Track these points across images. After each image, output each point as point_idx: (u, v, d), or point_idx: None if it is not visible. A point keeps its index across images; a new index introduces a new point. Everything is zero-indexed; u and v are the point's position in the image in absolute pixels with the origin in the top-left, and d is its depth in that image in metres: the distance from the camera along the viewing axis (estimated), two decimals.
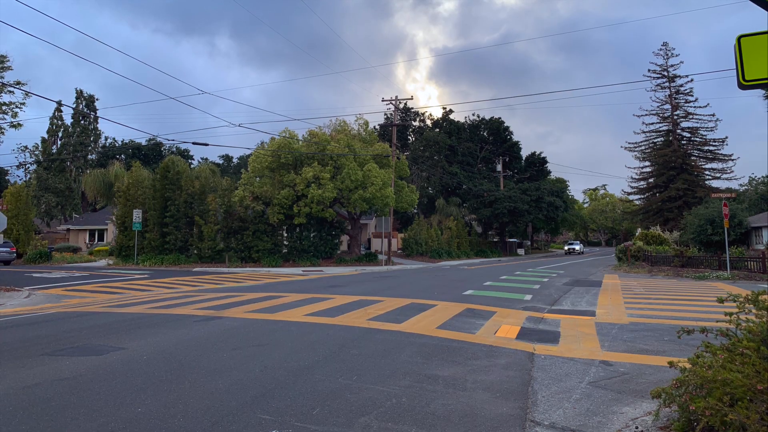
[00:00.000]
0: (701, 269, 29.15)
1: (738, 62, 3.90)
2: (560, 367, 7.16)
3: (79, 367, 6.91)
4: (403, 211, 48.94)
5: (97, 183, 54.51)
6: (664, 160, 60.37)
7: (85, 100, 63.56)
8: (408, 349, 8.09)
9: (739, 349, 4.43)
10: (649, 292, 18.26)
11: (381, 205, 36.84)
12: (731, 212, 39.43)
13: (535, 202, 61.07)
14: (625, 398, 5.74)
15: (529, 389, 6.12)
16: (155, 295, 16.30)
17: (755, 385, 3.88)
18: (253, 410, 5.21)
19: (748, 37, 3.93)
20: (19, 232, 42.02)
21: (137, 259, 35.52)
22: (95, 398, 5.58)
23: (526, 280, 23.35)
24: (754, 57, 3.87)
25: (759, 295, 4.96)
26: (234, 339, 8.85)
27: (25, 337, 9.17)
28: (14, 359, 7.41)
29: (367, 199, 35.76)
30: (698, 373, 4.28)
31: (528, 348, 8.44)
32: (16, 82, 29.90)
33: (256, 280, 23.57)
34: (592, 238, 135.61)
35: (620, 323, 11.02)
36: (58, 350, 7.99)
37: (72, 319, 11.35)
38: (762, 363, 4.13)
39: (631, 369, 7.02)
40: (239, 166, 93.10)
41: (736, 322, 4.83)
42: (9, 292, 17.04)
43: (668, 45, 63.35)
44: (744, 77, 3.87)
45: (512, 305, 14.18)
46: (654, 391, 4.42)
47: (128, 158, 73.93)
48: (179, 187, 36.40)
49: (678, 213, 56.00)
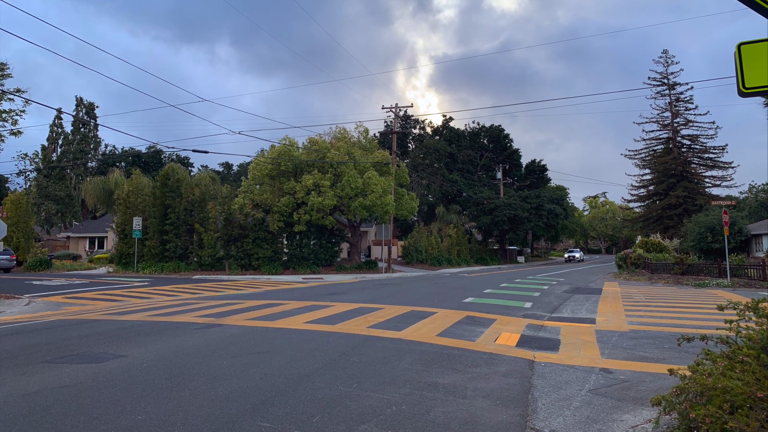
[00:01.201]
0: (701, 277, 29.14)
1: (738, 70, 3.91)
2: (560, 375, 7.16)
3: (79, 375, 6.90)
4: (403, 218, 48.96)
5: (97, 190, 54.53)
6: (664, 168, 60.46)
7: (85, 108, 63.73)
8: (408, 357, 8.08)
9: (739, 357, 4.44)
10: (649, 299, 18.25)
11: (381, 212, 36.86)
12: (731, 220, 39.43)
13: (535, 209, 61.10)
14: (625, 406, 5.73)
15: (529, 397, 6.12)
16: (155, 303, 16.28)
17: (755, 392, 3.88)
18: (253, 418, 5.21)
19: (748, 45, 3.94)
20: (18, 239, 42.01)
21: (137, 267, 35.49)
22: (95, 406, 5.57)
23: (526, 287, 23.33)
24: (754, 64, 3.88)
25: (759, 303, 4.97)
26: (234, 346, 8.84)
27: (25, 345, 9.17)
28: (14, 367, 7.40)
29: (367, 206, 35.78)
30: (698, 381, 4.27)
31: (528, 355, 8.43)
32: (16, 89, 30.02)
33: (256, 287, 23.55)
34: (592, 245, 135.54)
35: (620, 331, 11.01)
36: (59, 358, 7.98)
37: (72, 326, 11.33)
38: (762, 371, 4.13)
39: (631, 376, 7.02)
40: (239, 173, 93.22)
41: (736, 329, 4.83)
42: (9, 300, 17.02)
43: (668, 53, 63.33)
44: (744, 85, 3.88)
45: (512, 313, 14.17)
46: (654, 399, 4.42)
47: (128, 166, 74.06)
48: (179, 195, 36.43)
49: (678, 220, 56.01)
